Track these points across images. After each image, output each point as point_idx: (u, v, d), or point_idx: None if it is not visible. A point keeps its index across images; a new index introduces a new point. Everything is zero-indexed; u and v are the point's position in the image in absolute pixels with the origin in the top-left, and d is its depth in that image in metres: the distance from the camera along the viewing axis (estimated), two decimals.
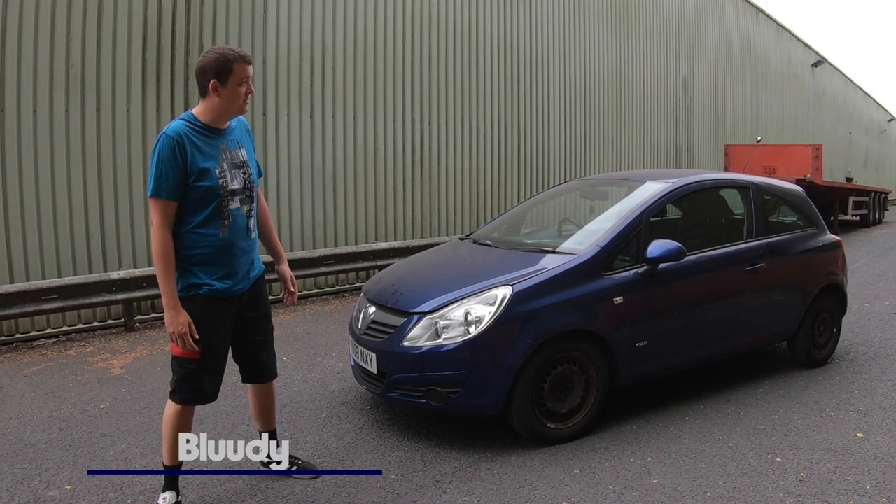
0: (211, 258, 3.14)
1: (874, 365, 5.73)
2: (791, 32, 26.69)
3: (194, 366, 3.16)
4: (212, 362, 3.22)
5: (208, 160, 3.10)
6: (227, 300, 3.21)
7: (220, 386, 3.33)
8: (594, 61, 14.55)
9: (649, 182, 5.09)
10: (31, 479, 3.72)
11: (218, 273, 3.16)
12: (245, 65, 3.12)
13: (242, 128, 3.39)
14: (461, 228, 11.10)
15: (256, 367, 3.51)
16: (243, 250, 3.25)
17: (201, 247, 3.11)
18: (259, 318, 3.44)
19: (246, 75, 3.12)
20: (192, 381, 3.18)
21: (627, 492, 3.55)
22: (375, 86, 9.87)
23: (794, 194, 5.90)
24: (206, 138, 3.12)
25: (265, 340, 3.50)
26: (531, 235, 5.64)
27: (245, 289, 3.30)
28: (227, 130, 3.25)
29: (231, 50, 3.13)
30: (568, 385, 4.18)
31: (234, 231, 3.19)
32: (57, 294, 6.66)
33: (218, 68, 3.07)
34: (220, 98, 3.11)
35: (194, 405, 3.27)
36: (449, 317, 4.05)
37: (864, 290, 9.18)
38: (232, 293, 3.22)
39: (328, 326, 7.34)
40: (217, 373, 3.27)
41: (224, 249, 3.16)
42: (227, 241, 3.16)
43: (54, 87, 6.86)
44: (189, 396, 3.21)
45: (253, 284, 3.35)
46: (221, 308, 3.21)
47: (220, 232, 3.14)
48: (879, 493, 3.52)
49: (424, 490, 3.59)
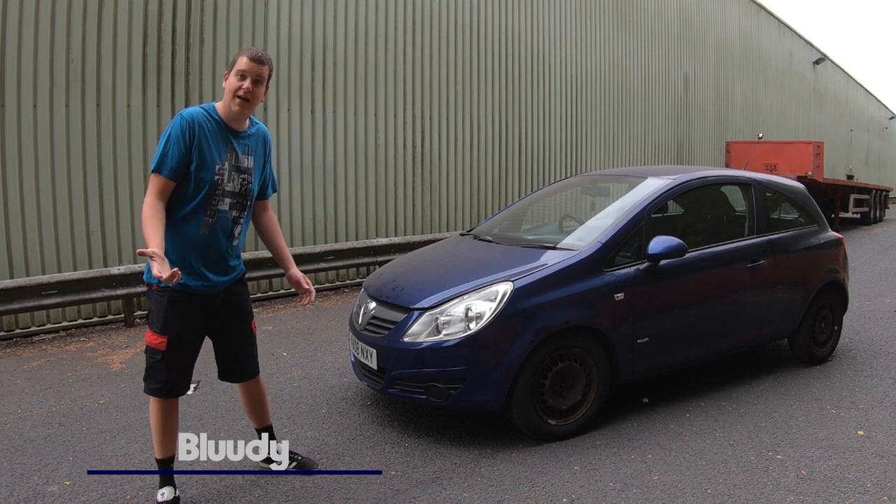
0: (188, 252, 3.12)
1: (875, 363, 5.72)
2: (792, 30, 26.66)
3: (160, 356, 3.15)
4: (179, 356, 3.19)
5: (213, 153, 3.10)
6: (200, 297, 3.19)
7: (188, 381, 3.30)
8: (595, 58, 14.52)
9: (651, 178, 5.08)
10: (31, 474, 3.71)
11: (192, 269, 3.13)
12: (247, 59, 3.11)
13: (260, 139, 3.34)
14: (461, 224, 11.09)
15: (231, 367, 3.49)
16: (221, 254, 3.22)
17: (181, 239, 3.11)
18: (239, 321, 3.40)
19: (242, 68, 3.10)
20: (157, 371, 3.17)
21: (628, 489, 3.54)
22: (376, 82, 9.85)
23: (796, 191, 5.89)
24: (218, 133, 3.13)
25: (242, 343, 3.45)
26: (532, 231, 5.63)
27: (219, 290, 3.26)
28: (243, 135, 3.23)
29: (249, 48, 3.17)
30: (569, 381, 4.17)
31: (217, 231, 3.17)
32: (57, 289, 6.64)
33: (231, 61, 3.15)
34: (225, 90, 3.14)
35: (162, 397, 3.23)
36: (449, 313, 4.03)
37: (865, 287, 9.18)
38: (204, 291, 3.19)
39: (328, 322, 7.33)
40: (183, 367, 3.24)
41: (202, 247, 3.14)
42: (206, 238, 3.14)
43: (54, 82, 6.84)
44: (156, 387, 3.20)
45: (230, 287, 3.32)
46: (192, 304, 3.18)
47: (202, 228, 3.12)
48: (880, 491, 3.51)
49: (424, 486, 3.58)
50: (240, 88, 3.09)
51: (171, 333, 3.14)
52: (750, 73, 22.53)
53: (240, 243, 3.35)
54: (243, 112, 3.15)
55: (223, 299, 3.30)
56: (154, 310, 3.17)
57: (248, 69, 3.10)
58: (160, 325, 3.14)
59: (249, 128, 3.28)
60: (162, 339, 3.13)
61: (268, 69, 3.16)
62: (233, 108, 3.12)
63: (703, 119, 19.48)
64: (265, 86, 3.19)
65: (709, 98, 19.77)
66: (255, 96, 3.12)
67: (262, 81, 3.15)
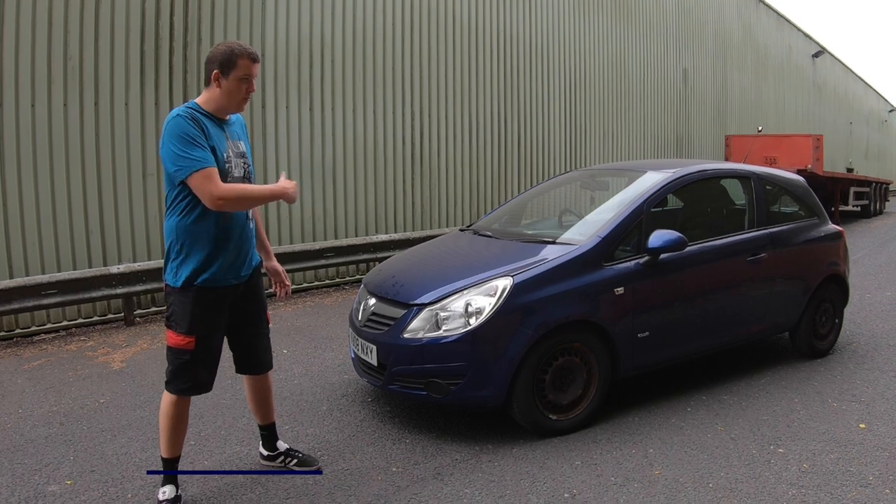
0: (211, 244, 3.12)
1: (876, 355, 5.71)
2: (791, 22, 26.62)
3: (188, 356, 3.15)
4: (206, 354, 3.20)
5: (218, 144, 3.11)
6: (223, 290, 3.19)
7: (215, 376, 3.32)
8: (594, 52, 14.49)
9: (650, 172, 5.06)
10: (31, 474, 3.70)
11: (216, 261, 3.14)
12: (249, 62, 3.10)
13: (241, 124, 3.41)
14: (461, 220, 11.09)
15: (251, 359, 3.50)
16: (242, 238, 3.24)
17: (202, 232, 3.10)
18: (255, 311, 3.42)
19: (249, 73, 3.11)
20: (186, 371, 3.18)
21: (629, 483, 3.53)
22: (375, 78, 9.83)
23: (796, 184, 5.87)
24: (212, 124, 3.13)
25: (260, 333, 3.48)
26: (532, 226, 5.62)
27: (242, 279, 3.28)
28: (227, 123, 3.26)
29: (240, 45, 3.13)
30: (569, 376, 4.16)
31: (236, 218, 3.19)
32: (56, 289, 6.63)
33: (223, 60, 3.08)
34: (220, 90, 3.11)
35: (190, 396, 3.25)
36: (449, 308, 4.02)
37: (866, 280, 9.17)
38: (228, 283, 3.21)
39: (328, 319, 7.32)
40: (212, 364, 3.26)
41: (224, 236, 3.15)
42: (226, 227, 3.15)
43: (52, 81, 6.82)
44: (184, 387, 3.20)
45: (249, 276, 3.34)
46: (218, 299, 3.19)
47: (223, 220, 3.13)
48: (882, 485, 3.50)
49: (425, 482, 3.57)
50: (248, 91, 3.15)
51: (198, 333, 3.14)
52: (749, 67, 22.50)
53: (254, 226, 3.40)
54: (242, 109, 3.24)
55: (244, 289, 3.32)
56: (178, 310, 3.15)
57: (253, 71, 3.13)
58: (186, 325, 3.13)
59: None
60: (189, 340, 3.13)
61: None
62: (241, 108, 3.20)
63: (703, 112, 19.45)
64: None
65: (708, 91, 19.74)
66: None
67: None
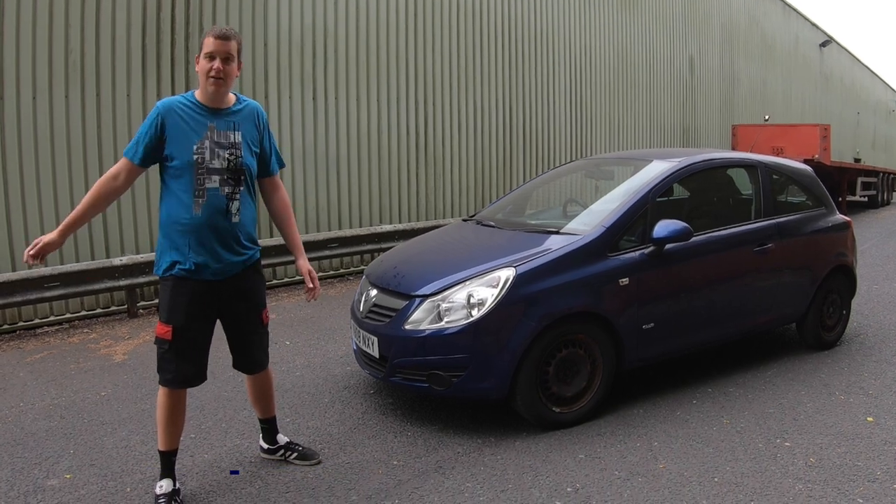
0: (184, 235, 3.10)
1: (884, 347, 5.65)
2: (798, 12, 26.36)
3: (167, 346, 3.13)
4: (186, 346, 3.16)
5: (188, 135, 3.09)
6: (198, 284, 3.14)
7: (203, 370, 3.27)
8: (599, 41, 14.38)
9: (656, 161, 5.00)
10: (31, 468, 3.69)
11: (190, 253, 3.10)
12: (213, 38, 3.09)
13: (251, 114, 3.30)
14: (466, 210, 11.02)
15: (245, 358, 3.45)
16: (220, 232, 3.15)
17: (177, 222, 3.10)
18: (249, 310, 3.35)
19: (211, 49, 3.08)
20: (167, 361, 3.16)
21: (633, 477, 3.49)
22: (379, 68, 9.76)
23: (803, 174, 5.80)
24: (194, 114, 3.12)
25: (254, 332, 3.40)
26: (536, 216, 5.57)
27: (228, 275, 3.21)
28: (226, 112, 3.19)
29: (214, 27, 3.16)
30: (573, 368, 4.12)
31: (210, 211, 3.11)
32: (59, 281, 6.62)
33: (200, 44, 3.15)
34: (199, 74, 3.15)
35: (175, 388, 3.20)
36: (451, 299, 3.98)
37: (873, 271, 9.08)
38: (208, 277, 3.15)
39: (332, 310, 7.29)
40: (194, 357, 3.20)
41: (197, 228, 3.10)
42: (200, 219, 3.10)
43: (53, 73, 6.78)
44: (168, 377, 3.18)
45: (241, 274, 3.27)
46: (194, 292, 3.14)
47: (193, 209, 3.09)
48: (890, 479, 3.45)
49: (427, 476, 3.54)
50: (211, 69, 3.09)
51: (175, 323, 3.12)
52: (756, 56, 22.30)
53: (243, 222, 3.25)
54: (219, 91, 3.14)
55: (234, 285, 3.25)
56: (160, 299, 3.18)
57: (216, 49, 3.09)
58: (165, 314, 3.14)
59: (235, 105, 3.25)
60: (167, 329, 3.12)
61: (235, 44, 3.14)
62: (208, 88, 3.12)
63: (709, 102, 19.31)
64: (237, 61, 3.18)
65: (714, 80, 19.59)
66: (228, 74, 3.11)
67: (232, 58, 3.13)
